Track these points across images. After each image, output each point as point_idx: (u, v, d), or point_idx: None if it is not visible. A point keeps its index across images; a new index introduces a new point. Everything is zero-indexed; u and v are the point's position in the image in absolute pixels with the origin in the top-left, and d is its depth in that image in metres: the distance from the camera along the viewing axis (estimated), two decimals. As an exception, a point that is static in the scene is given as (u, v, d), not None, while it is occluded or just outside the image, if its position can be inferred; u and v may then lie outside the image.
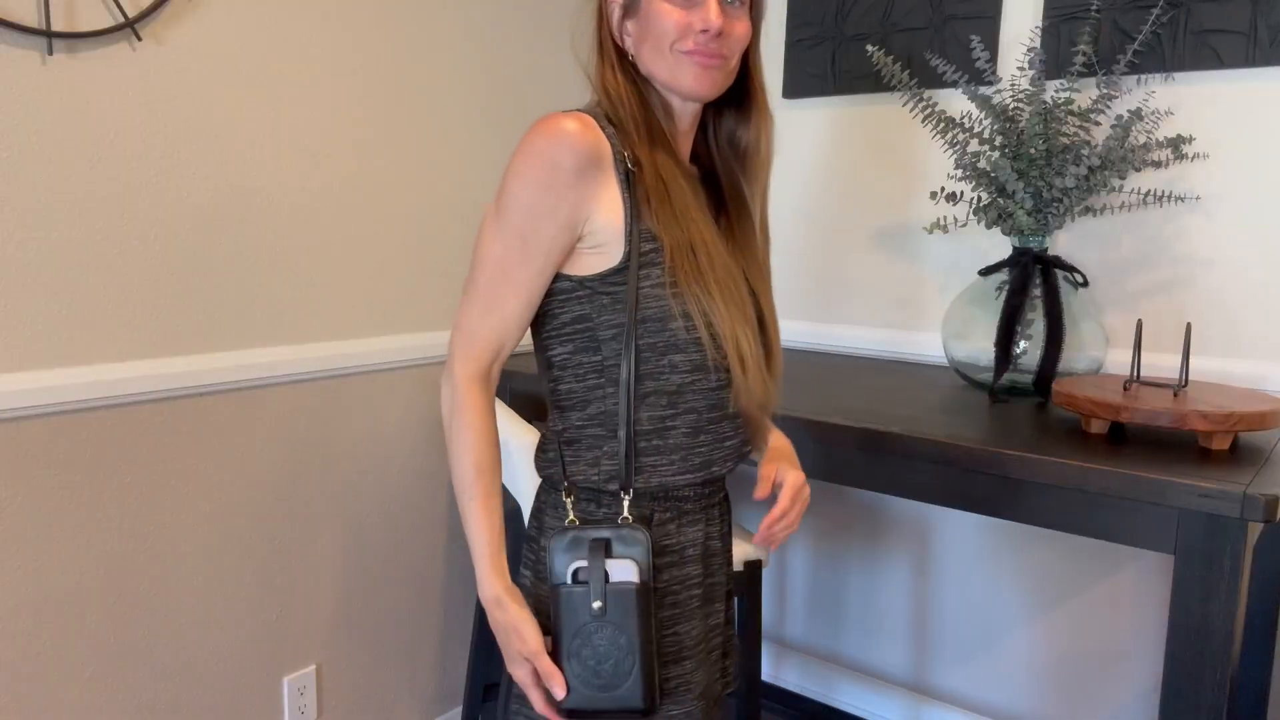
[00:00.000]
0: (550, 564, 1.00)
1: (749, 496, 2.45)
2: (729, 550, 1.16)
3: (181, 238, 1.59)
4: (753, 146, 1.09)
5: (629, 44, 1.04)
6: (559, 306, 1.03)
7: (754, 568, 1.73)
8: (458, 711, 2.17)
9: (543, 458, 1.08)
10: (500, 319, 1.01)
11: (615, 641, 0.97)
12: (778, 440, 1.19)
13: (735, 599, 1.14)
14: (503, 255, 0.99)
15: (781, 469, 1.11)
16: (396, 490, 1.99)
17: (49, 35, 1.40)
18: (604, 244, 0.99)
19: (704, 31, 0.99)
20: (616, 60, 1.04)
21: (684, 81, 1.01)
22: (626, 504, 1.01)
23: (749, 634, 1.75)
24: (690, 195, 1.03)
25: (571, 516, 1.04)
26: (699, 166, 1.12)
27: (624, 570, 0.98)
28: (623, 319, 0.99)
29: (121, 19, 1.47)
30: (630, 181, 0.99)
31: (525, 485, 1.61)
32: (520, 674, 1.02)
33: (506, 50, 2.10)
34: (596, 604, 0.97)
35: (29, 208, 1.41)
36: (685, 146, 1.09)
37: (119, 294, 1.52)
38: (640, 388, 1.01)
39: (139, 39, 1.50)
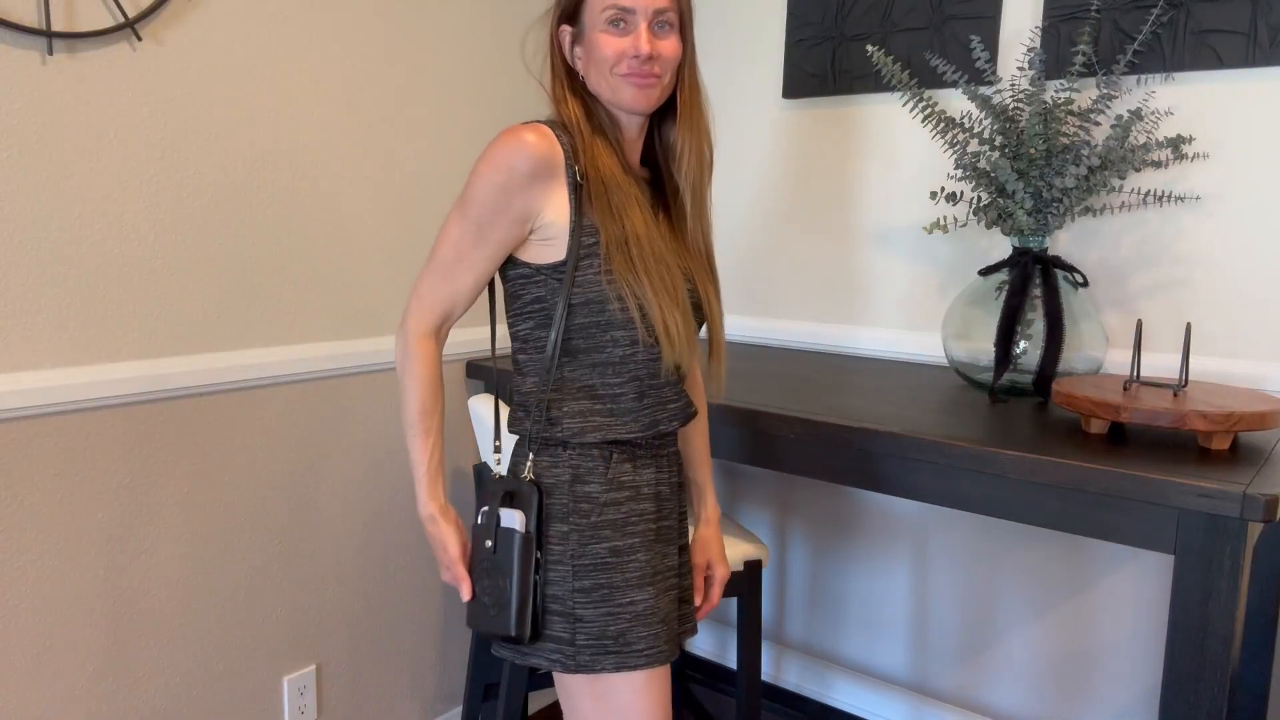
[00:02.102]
0: (476, 505, 1.22)
1: (748, 495, 2.45)
2: (681, 503, 1.32)
3: (181, 237, 1.59)
4: (679, 148, 1.24)
5: (579, 65, 1.21)
6: (522, 288, 1.20)
7: (754, 568, 1.73)
8: (458, 711, 2.17)
9: (512, 417, 1.25)
10: (452, 290, 1.20)
11: (500, 576, 1.16)
12: (708, 525, 1.40)
13: (688, 554, 1.36)
14: (460, 238, 1.18)
15: (712, 563, 1.39)
16: (397, 490, 1.99)
17: (49, 35, 1.40)
18: (553, 238, 1.16)
19: (635, 57, 1.15)
20: (567, 80, 1.22)
21: (624, 99, 1.18)
22: (530, 461, 1.19)
23: (749, 634, 1.75)
24: (631, 194, 1.18)
25: (496, 470, 1.25)
26: (654, 168, 1.27)
27: (512, 518, 1.17)
28: (552, 295, 1.18)
29: (121, 19, 1.47)
30: (577, 185, 1.15)
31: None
32: (446, 578, 1.25)
33: (506, 50, 2.10)
34: (488, 543, 1.18)
35: (29, 207, 1.41)
36: (634, 152, 1.25)
37: (119, 294, 1.52)
38: (590, 358, 1.19)
39: (139, 39, 1.50)
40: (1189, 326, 1.43)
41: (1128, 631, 1.91)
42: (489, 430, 1.73)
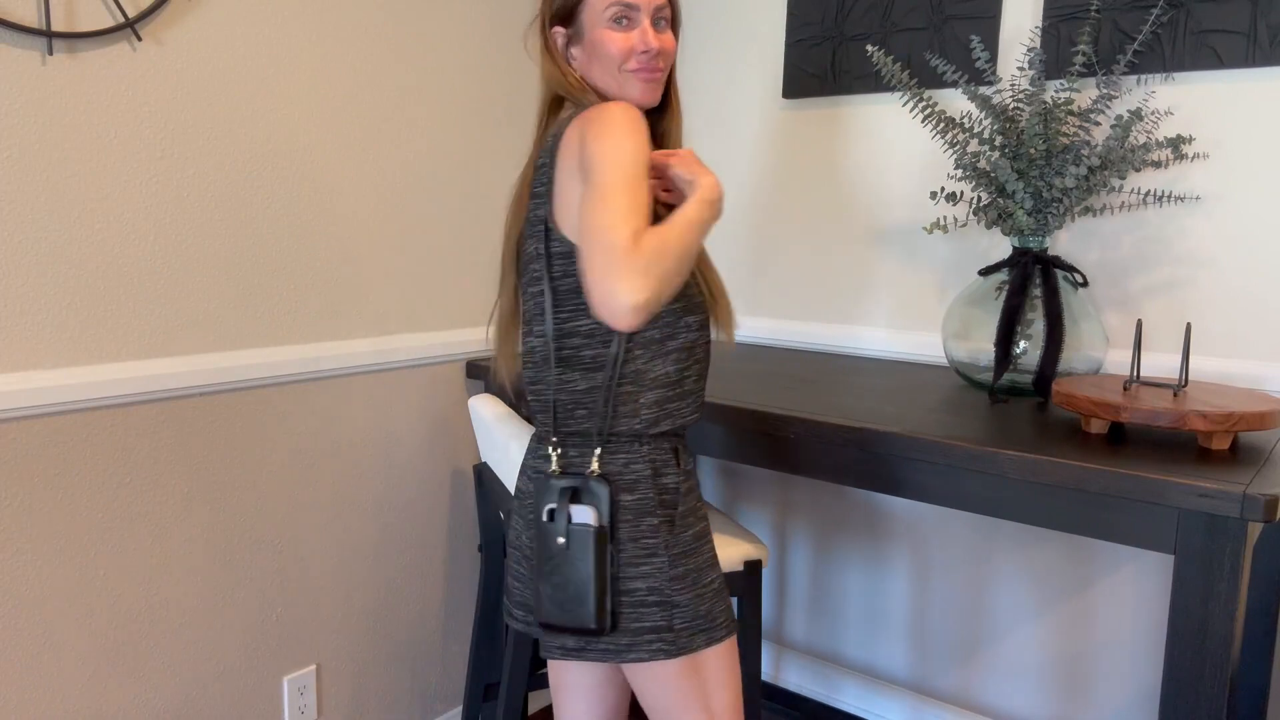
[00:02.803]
0: (536, 504, 1.20)
1: (748, 495, 2.45)
2: None
3: (181, 237, 1.59)
4: (671, 138, 1.29)
5: (576, 66, 1.23)
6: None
7: (754, 567, 1.73)
8: (458, 711, 2.17)
9: (557, 417, 1.23)
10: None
11: (577, 572, 1.17)
12: None
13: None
14: (633, 181, 1.04)
15: None
16: (397, 490, 1.99)
17: (49, 35, 1.40)
18: None
19: (644, 52, 1.18)
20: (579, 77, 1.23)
21: (633, 94, 1.20)
22: (597, 455, 1.19)
23: (749, 634, 1.75)
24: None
25: (554, 467, 1.21)
26: None
27: (584, 514, 1.17)
28: None
29: (121, 19, 1.47)
30: None
31: (525, 485, 1.61)
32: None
33: (506, 50, 2.10)
34: (559, 540, 1.17)
35: (29, 207, 1.41)
36: None
37: (119, 294, 1.52)
38: (664, 347, 1.20)
39: (139, 39, 1.50)
40: (1189, 326, 1.43)
41: (1128, 631, 1.91)
42: (489, 430, 1.73)
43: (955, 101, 1.97)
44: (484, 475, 1.87)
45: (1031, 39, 1.88)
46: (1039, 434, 1.42)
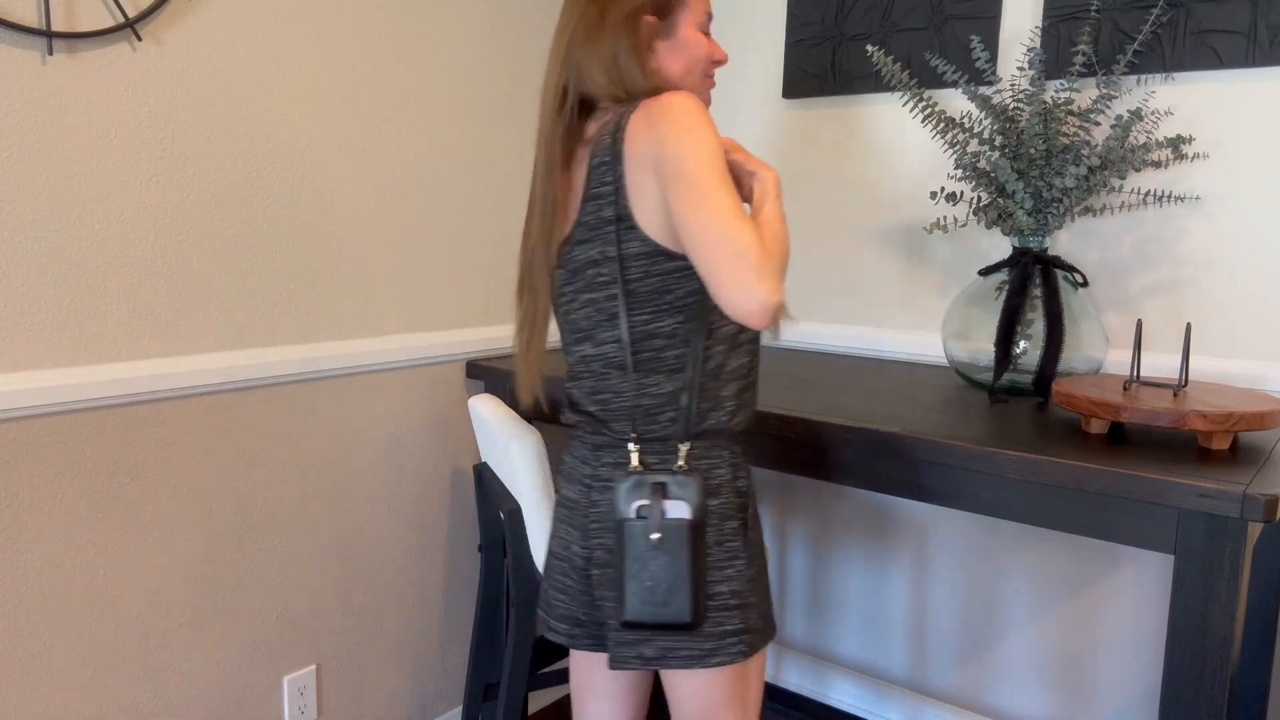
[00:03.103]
0: (615, 503, 1.18)
1: (749, 496, 2.44)
2: None
3: (181, 238, 1.59)
4: None
5: (655, 59, 1.21)
6: (676, 283, 1.16)
7: (754, 568, 1.73)
8: (458, 711, 2.17)
9: (635, 422, 1.20)
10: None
11: (670, 567, 1.15)
12: None
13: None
14: (726, 177, 1.08)
15: None
16: (398, 490, 1.99)
17: (49, 35, 1.40)
18: None
19: (718, 63, 1.24)
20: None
21: (703, 100, 1.25)
22: (684, 451, 1.18)
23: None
24: None
25: (634, 464, 1.19)
26: None
27: (680, 508, 1.16)
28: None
29: (121, 19, 1.47)
30: None
31: (525, 484, 1.61)
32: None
33: (507, 51, 2.10)
34: (654, 535, 1.15)
35: (29, 208, 1.41)
36: None
37: (119, 294, 1.52)
38: (737, 340, 1.21)
39: (139, 39, 1.50)
40: (1189, 326, 1.43)
41: (1127, 631, 1.91)
42: (489, 430, 1.73)
43: (955, 101, 1.97)
44: (484, 475, 1.87)
45: (1031, 39, 1.88)
46: (1039, 434, 1.42)
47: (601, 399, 1.23)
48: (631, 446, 1.20)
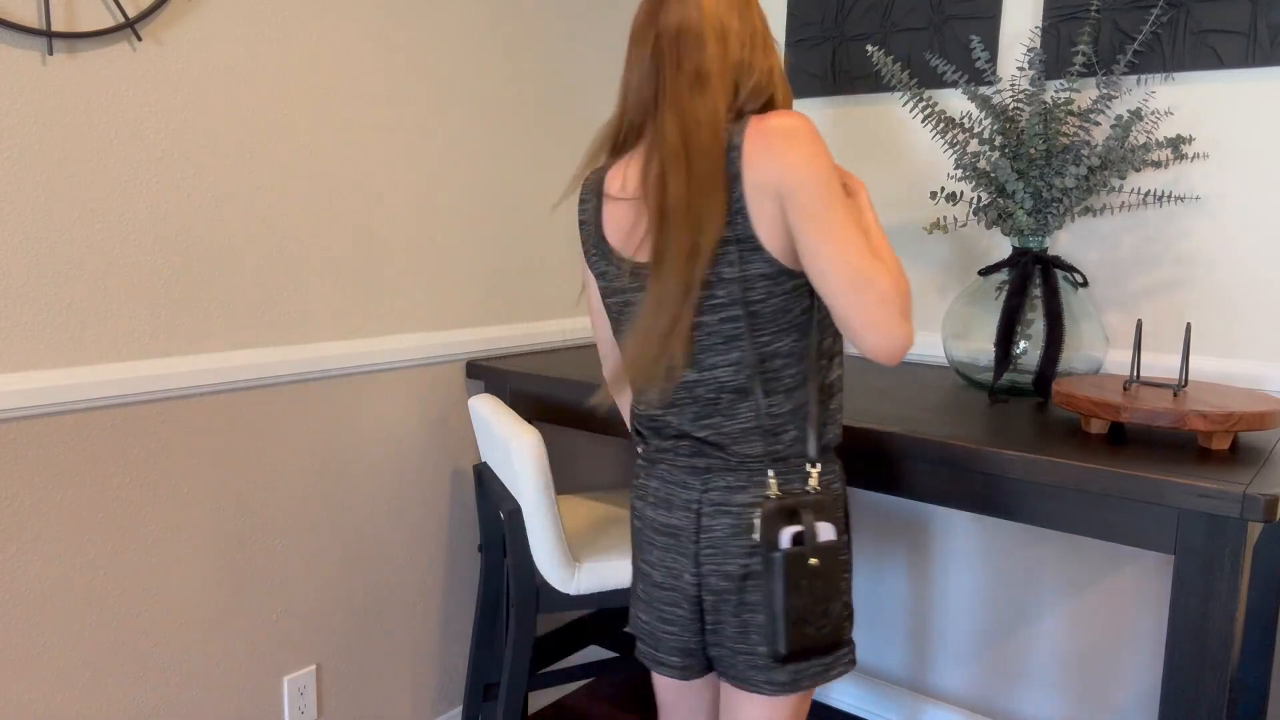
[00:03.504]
0: (761, 530, 1.13)
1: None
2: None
3: (182, 238, 1.59)
4: None
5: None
6: (793, 301, 1.14)
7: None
8: (458, 711, 2.17)
9: (780, 439, 1.18)
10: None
11: (824, 590, 1.13)
12: None
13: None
14: (850, 206, 1.12)
15: None
16: (397, 490, 1.99)
17: (49, 35, 1.40)
18: None
19: None
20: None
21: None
22: (816, 472, 1.17)
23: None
24: None
25: (775, 490, 1.16)
26: None
27: (828, 531, 1.14)
28: (814, 301, 1.16)
29: (122, 19, 1.47)
30: None
31: (525, 484, 1.61)
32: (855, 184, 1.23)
33: (510, 51, 2.10)
34: (813, 561, 1.12)
35: (29, 208, 1.41)
36: None
37: (119, 294, 1.52)
38: (840, 357, 1.23)
39: (139, 39, 1.50)
40: (1189, 326, 1.43)
41: (1127, 631, 1.91)
42: (489, 430, 1.73)
43: (955, 101, 1.97)
44: (484, 475, 1.87)
45: (1031, 39, 1.88)
46: (1039, 434, 1.42)
47: (712, 423, 1.18)
48: (771, 473, 1.17)
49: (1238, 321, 1.74)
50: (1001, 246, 1.96)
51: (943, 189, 1.84)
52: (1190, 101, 1.75)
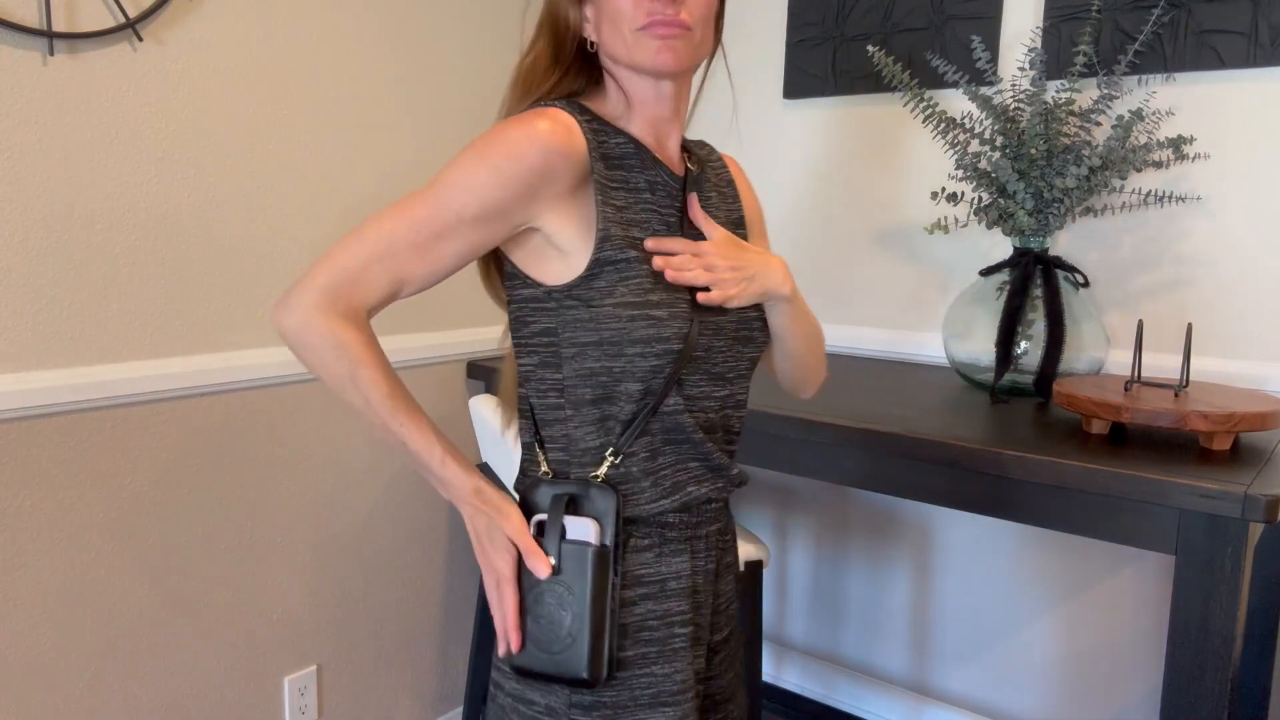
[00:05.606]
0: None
1: (749, 496, 2.45)
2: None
3: (182, 237, 1.59)
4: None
5: (588, 31, 0.97)
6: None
7: (755, 568, 1.73)
8: (458, 712, 2.17)
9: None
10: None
11: (564, 602, 0.89)
12: None
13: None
14: (429, 217, 0.95)
15: None
16: (397, 490, 1.99)
17: (50, 36, 1.40)
18: None
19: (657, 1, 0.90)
20: (561, 51, 1.00)
21: (644, 61, 0.92)
22: (606, 466, 0.95)
23: (750, 634, 1.75)
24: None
25: (545, 469, 0.99)
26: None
27: (582, 529, 0.91)
28: None
29: (122, 19, 1.47)
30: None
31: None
32: (502, 564, 0.92)
33: (510, 49, 2.10)
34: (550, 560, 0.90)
35: (30, 208, 1.41)
36: (672, 133, 1.02)
37: (119, 294, 1.52)
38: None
39: (139, 39, 1.50)
40: (1190, 327, 1.43)
41: (1128, 632, 1.91)
42: (490, 430, 1.73)
43: (956, 102, 1.97)
44: (484, 475, 1.87)
45: (1032, 39, 1.88)
46: (1040, 434, 1.42)
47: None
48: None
49: (1239, 322, 1.74)
50: (1002, 247, 1.96)
51: (943, 189, 1.83)
52: (1191, 102, 1.75)
